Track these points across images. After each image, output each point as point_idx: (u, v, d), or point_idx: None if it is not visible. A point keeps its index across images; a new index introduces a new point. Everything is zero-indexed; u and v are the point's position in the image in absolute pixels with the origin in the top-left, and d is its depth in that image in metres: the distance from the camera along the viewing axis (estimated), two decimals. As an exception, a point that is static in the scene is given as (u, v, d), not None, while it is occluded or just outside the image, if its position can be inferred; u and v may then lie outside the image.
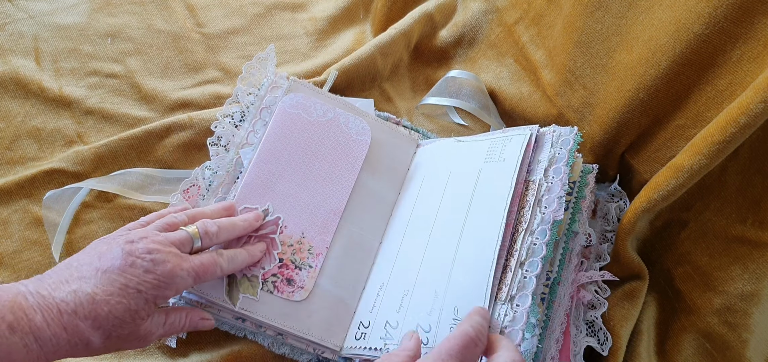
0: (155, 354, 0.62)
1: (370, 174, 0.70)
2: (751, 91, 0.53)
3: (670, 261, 0.67)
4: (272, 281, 0.61)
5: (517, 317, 0.53)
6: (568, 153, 0.61)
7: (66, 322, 0.46)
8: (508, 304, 0.54)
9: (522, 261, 0.56)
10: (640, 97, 0.65)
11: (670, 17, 0.62)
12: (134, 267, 0.49)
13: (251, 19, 0.90)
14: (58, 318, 0.46)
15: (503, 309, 0.54)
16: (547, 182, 0.60)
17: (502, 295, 0.55)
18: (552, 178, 0.60)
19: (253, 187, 0.65)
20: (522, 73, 0.83)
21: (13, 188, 0.69)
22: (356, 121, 0.72)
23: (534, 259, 0.56)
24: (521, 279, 0.55)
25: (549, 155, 0.61)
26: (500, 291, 0.55)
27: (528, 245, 0.56)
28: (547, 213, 0.57)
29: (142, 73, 0.81)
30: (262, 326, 0.61)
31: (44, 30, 0.82)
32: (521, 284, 0.55)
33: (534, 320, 0.53)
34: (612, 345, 0.62)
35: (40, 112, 0.75)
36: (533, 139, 0.63)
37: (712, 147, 0.56)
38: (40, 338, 0.44)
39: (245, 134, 0.69)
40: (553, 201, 0.58)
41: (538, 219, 0.58)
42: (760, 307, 0.62)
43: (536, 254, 0.56)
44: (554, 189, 0.59)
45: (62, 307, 0.46)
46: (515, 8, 0.85)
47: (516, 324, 0.53)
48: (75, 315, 0.46)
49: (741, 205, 0.62)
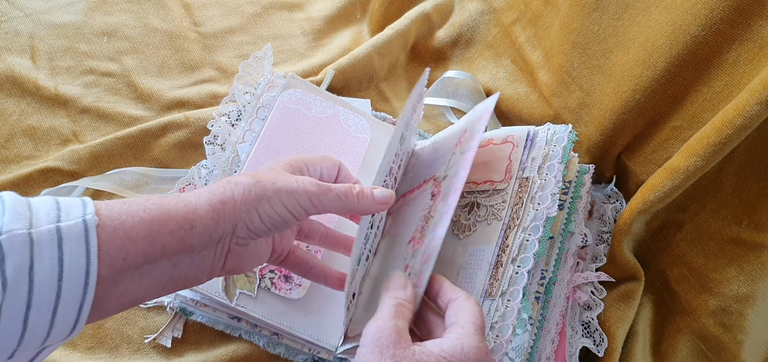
0: (150, 354, 0.62)
1: (366, 172, 0.69)
2: (747, 92, 0.53)
3: (665, 263, 0.67)
4: (270, 278, 0.61)
5: (508, 312, 0.53)
6: (563, 150, 0.61)
7: None
8: (499, 299, 0.54)
9: (514, 257, 0.56)
10: (637, 99, 0.65)
11: (666, 19, 0.62)
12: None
13: (248, 18, 0.90)
14: None
15: (494, 305, 0.54)
16: (541, 179, 0.60)
17: (493, 291, 0.55)
18: (546, 174, 0.60)
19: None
20: (519, 74, 0.83)
21: (8, 187, 0.69)
22: (356, 118, 0.72)
23: (526, 255, 0.55)
24: (513, 275, 0.55)
25: (543, 152, 0.61)
26: (492, 287, 0.55)
27: (520, 241, 0.56)
28: (540, 210, 0.57)
29: (139, 72, 0.81)
30: (257, 325, 0.61)
31: (40, 28, 0.81)
32: (513, 279, 0.55)
33: (526, 316, 0.53)
34: (608, 346, 0.62)
35: (36, 111, 0.75)
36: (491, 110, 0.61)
37: (708, 148, 0.56)
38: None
39: (242, 133, 0.69)
40: (547, 197, 0.58)
41: (530, 215, 0.57)
42: (755, 309, 0.62)
43: (528, 250, 0.56)
44: (548, 185, 0.59)
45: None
46: (512, 9, 0.85)
47: (506, 319, 0.53)
48: None
49: (736, 207, 0.62)
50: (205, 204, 0.42)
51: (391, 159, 0.59)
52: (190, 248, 0.42)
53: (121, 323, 0.63)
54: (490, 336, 0.53)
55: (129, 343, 0.62)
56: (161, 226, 0.40)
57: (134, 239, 0.39)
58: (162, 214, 0.41)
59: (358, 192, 0.49)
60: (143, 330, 0.63)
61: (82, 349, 0.62)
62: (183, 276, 0.43)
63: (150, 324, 0.64)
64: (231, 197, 0.44)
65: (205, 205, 0.42)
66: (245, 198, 0.44)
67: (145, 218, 0.40)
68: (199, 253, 0.43)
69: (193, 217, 0.42)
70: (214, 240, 0.43)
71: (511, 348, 0.52)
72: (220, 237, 0.43)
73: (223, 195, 0.43)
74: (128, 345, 0.62)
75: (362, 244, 0.54)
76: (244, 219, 0.44)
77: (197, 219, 0.42)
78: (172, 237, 0.41)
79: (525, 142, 0.62)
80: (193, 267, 0.43)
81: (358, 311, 0.57)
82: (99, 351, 0.62)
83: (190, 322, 0.64)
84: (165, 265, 0.41)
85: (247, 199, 0.44)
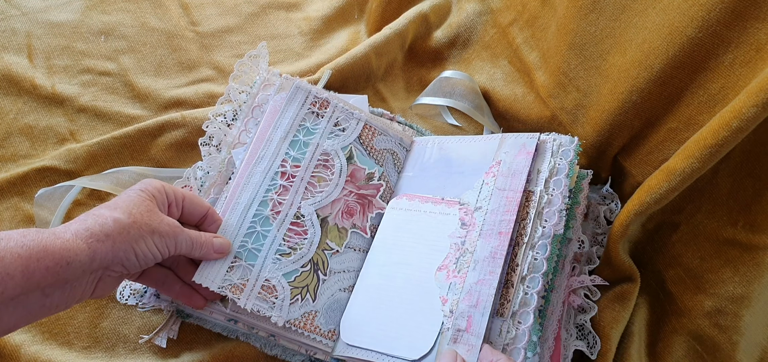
0: (146, 354, 0.62)
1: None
2: (744, 95, 0.54)
3: (661, 264, 0.67)
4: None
5: (519, 335, 0.53)
6: (569, 165, 0.61)
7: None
8: (510, 321, 0.54)
9: (523, 276, 0.56)
10: (633, 100, 0.66)
11: (663, 21, 0.62)
12: None
13: (245, 18, 0.90)
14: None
15: (505, 326, 0.54)
16: (548, 194, 0.60)
17: (504, 311, 0.55)
18: (553, 190, 0.60)
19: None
20: (516, 75, 0.83)
21: (5, 186, 0.69)
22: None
23: (535, 275, 0.56)
24: (523, 296, 0.55)
25: (549, 165, 0.61)
26: (502, 306, 0.55)
27: (529, 260, 0.56)
28: (548, 228, 0.58)
29: (136, 71, 0.81)
30: (254, 327, 0.61)
31: (37, 27, 0.81)
32: (523, 301, 0.55)
33: (535, 338, 0.53)
34: (601, 347, 0.62)
35: (33, 110, 0.75)
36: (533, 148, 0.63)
37: (705, 150, 0.56)
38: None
39: (237, 133, 0.69)
40: (554, 214, 0.58)
41: (538, 233, 0.58)
42: (750, 310, 0.62)
43: (537, 270, 0.56)
44: (555, 202, 0.59)
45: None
46: (510, 10, 0.85)
47: (518, 342, 0.53)
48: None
49: (732, 208, 0.62)
50: (82, 242, 0.46)
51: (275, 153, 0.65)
52: (64, 281, 0.45)
53: (117, 323, 0.63)
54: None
55: (125, 343, 0.62)
56: (38, 262, 0.43)
57: (12, 275, 0.42)
58: (39, 251, 0.43)
59: (203, 241, 0.56)
60: (140, 330, 0.63)
61: (79, 348, 0.62)
62: (54, 305, 0.46)
63: (147, 324, 0.64)
64: (108, 235, 0.47)
65: (82, 243, 0.46)
66: (124, 237, 0.48)
67: (22, 254, 0.43)
68: (72, 285, 0.46)
69: (69, 255, 0.45)
70: (88, 273, 0.46)
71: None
72: (94, 270, 0.47)
73: (100, 233, 0.47)
74: (124, 345, 0.62)
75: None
76: (120, 257, 0.48)
77: (73, 256, 0.45)
78: (48, 272, 0.44)
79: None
80: (64, 297, 0.46)
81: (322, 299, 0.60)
82: (95, 351, 0.62)
83: (186, 323, 0.64)
84: (38, 296, 0.44)
85: (125, 239, 0.48)
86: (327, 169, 0.66)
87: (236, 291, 0.57)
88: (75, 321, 0.63)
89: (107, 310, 0.64)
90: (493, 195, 0.61)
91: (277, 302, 0.58)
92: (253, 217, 0.61)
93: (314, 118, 0.68)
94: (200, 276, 0.57)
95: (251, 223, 0.61)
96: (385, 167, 0.70)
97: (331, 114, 0.69)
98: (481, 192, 0.62)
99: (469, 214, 0.62)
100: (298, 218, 0.63)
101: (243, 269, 0.58)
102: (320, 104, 0.69)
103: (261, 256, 0.60)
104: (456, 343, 0.53)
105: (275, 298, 0.58)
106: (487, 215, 0.60)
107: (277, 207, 0.63)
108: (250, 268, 0.59)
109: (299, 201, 0.64)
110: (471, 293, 0.55)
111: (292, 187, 0.64)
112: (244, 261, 0.59)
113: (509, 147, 0.64)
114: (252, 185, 0.63)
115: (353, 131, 0.69)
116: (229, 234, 0.60)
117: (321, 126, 0.68)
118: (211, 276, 0.57)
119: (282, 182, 0.64)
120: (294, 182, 0.64)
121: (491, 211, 0.60)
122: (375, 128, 0.70)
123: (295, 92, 0.68)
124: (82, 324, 0.63)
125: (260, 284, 0.58)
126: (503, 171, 0.62)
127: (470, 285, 0.56)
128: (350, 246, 0.65)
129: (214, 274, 0.57)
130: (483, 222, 0.60)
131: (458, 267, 0.58)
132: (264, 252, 0.60)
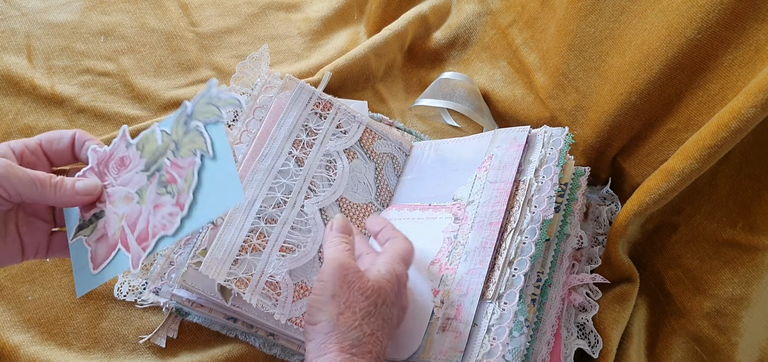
0: (145, 354, 0.62)
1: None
2: (743, 95, 0.54)
3: (660, 265, 0.67)
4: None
5: (505, 315, 0.53)
6: (559, 153, 0.61)
7: None
8: (495, 302, 0.54)
9: (510, 260, 0.56)
10: (633, 101, 0.66)
11: (662, 22, 0.62)
12: None
13: (245, 18, 0.90)
14: None
15: (490, 307, 0.54)
16: (538, 182, 0.60)
17: (489, 293, 0.55)
18: (542, 177, 0.60)
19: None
20: (515, 76, 0.83)
21: (4, 186, 0.69)
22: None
23: (523, 258, 0.56)
24: (509, 278, 0.55)
25: (540, 155, 0.62)
26: (487, 289, 0.55)
27: (517, 244, 0.57)
28: (537, 213, 0.58)
29: (135, 72, 0.81)
30: (253, 326, 0.61)
31: (37, 27, 0.81)
32: (509, 282, 0.55)
33: (522, 318, 0.53)
34: (602, 347, 0.62)
35: (32, 110, 0.75)
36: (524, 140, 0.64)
37: (704, 151, 0.56)
38: None
39: (238, 134, 0.69)
40: (543, 200, 0.59)
41: (527, 218, 0.58)
42: (749, 311, 0.62)
43: (525, 253, 0.56)
44: (544, 188, 0.59)
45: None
46: (509, 11, 0.85)
47: (503, 321, 0.53)
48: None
49: (731, 209, 0.62)
50: None
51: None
52: None
53: (116, 323, 0.63)
54: (487, 339, 0.53)
55: (124, 343, 0.62)
56: None
57: None
58: None
59: (55, 182, 0.46)
60: (139, 330, 0.63)
61: (78, 349, 0.62)
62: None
63: (145, 324, 0.63)
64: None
65: None
66: None
67: None
68: None
69: None
70: None
71: (508, 351, 0.52)
72: None
73: None
74: (124, 345, 0.62)
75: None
76: None
77: None
78: None
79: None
80: None
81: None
82: (94, 351, 0.62)
83: (185, 323, 0.64)
84: None
85: None
86: (329, 170, 0.66)
87: (241, 285, 0.57)
88: (74, 322, 0.63)
89: (106, 311, 0.64)
90: (485, 188, 0.62)
91: (280, 299, 0.58)
92: (257, 214, 0.61)
93: (317, 118, 0.69)
94: (206, 268, 0.57)
95: (255, 220, 0.61)
96: (384, 170, 0.70)
97: (334, 115, 0.69)
98: (474, 187, 0.63)
99: (461, 209, 0.62)
100: (301, 216, 0.63)
101: (248, 263, 0.59)
102: (324, 105, 0.69)
103: (265, 253, 0.60)
104: (445, 331, 0.55)
105: (278, 295, 0.58)
106: (478, 208, 0.61)
107: (281, 204, 0.63)
108: (254, 263, 0.59)
109: (302, 200, 0.64)
110: (461, 283, 0.57)
111: (295, 185, 0.64)
112: (248, 256, 0.59)
113: (501, 141, 0.65)
114: (256, 182, 0.63)
115: (355, 134, 0.70)
116: (232, 228, 0.60)
117: (324, 127, 0.68)
118: (216, 268, 0.57)
119: (285, 181, 0.64)
120: (297, 181, 0.65)
121: (483, 204, 0.61)
122: (375, 132, 0.71)
123: (300, 92, 0.69)
124: (81, 325, 0.63)
125: (265, 280, 0.59)
126: (495, 164, 0.63)
127: (461, 276, 0.57)
128: None
129: (220, 266, 0.58)
130: (475, 215, 0.60)
131: (450, 260, 0.59)
132: (268, 248, 0.60)
